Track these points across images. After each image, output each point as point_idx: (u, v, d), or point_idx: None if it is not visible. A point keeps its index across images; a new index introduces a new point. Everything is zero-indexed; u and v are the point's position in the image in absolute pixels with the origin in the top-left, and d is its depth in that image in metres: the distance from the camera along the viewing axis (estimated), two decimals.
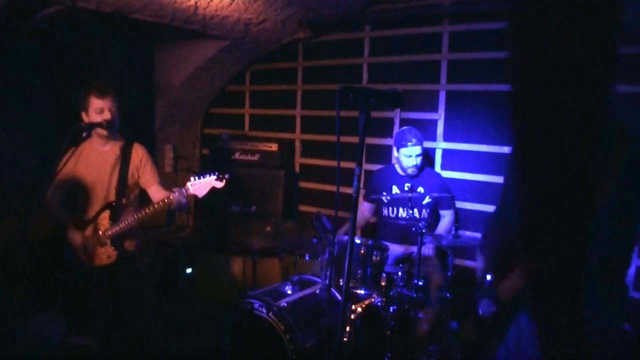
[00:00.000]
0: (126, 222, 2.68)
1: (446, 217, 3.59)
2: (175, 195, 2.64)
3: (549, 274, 1.37)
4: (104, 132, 2.72)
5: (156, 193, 2.85)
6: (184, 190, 2.65)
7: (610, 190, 1.68)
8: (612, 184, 1.67)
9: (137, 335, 2.90)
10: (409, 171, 3.47)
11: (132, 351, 2.83)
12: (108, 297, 2.75)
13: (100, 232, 2.72)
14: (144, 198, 2.93)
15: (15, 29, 3.34)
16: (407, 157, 3.43)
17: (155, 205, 2.67)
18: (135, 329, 2.89)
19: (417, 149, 3.41)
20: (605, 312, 1.77)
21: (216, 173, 2.68)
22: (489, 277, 1.99)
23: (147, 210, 2.67)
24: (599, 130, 0.93)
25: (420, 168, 3.49)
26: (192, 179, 2.68)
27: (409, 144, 3.39)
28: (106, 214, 2.73)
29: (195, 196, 2.69)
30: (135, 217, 2.67)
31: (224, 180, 2.69)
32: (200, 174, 2.70)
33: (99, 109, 2.68)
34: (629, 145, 1.79)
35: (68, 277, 2.80)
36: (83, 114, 2.74)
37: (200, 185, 2.67)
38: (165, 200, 2.65)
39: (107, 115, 2.69)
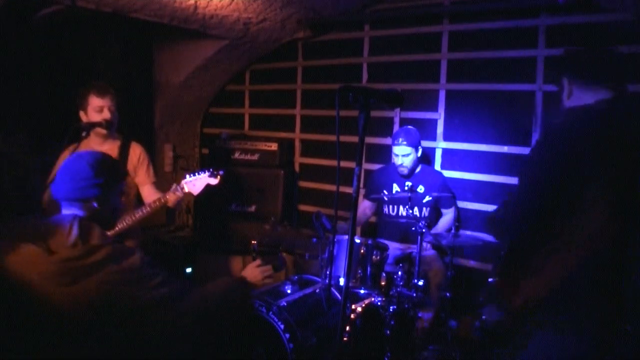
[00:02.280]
0: (125, 222, 2.68)
1: (447, 215, 3.60)
2: (170, 194, 2.64)
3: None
4: (103, 132, 2.72)
5: (149, 193, 2.86)
6: (179, 188, 2.65)
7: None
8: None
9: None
10: (399, 170, 3.49)
11: (132, 351, 2.83)
12: None
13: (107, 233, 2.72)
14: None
15: (15, 28, 3.34)
16: (395, 155, 3.48)
17: (152, 205, 2.68)
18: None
19: (404, 150, 3.41)
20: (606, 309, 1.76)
21: (210, 170, 2.69)
22: (490, 279, 1.96)
23: (144, 211, 2.67)
24: None
25: (412, 169, 3.50)
26: (186, 176, 2.69)
27: (396, 142, 3.44)
28: None
29: (190, 194, 2.69)
30: (134, 217, 2.67)
31: (218, 177, 2.70)
32: (195, 171, 2.70)
33: (98, 108, 2.69)
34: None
35: None
36: (81, 113, 2.74)
37: (195, 183, 2.67)
38: (162, 200, 2.66)
39: (106, 115, 2.69)
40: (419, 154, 3.51)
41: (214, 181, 2.69)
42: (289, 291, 2.83)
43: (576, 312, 1.72)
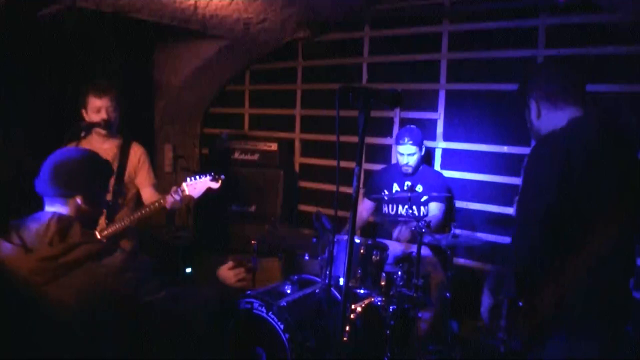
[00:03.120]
0: (122, 223, 2.67)
1: (432, 207, 3.56)
2: (169, 197, 2.63)
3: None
4: (102, 131, 2.73)
5: (149, 195, 2.86)
6: (179, 191, 2.64)
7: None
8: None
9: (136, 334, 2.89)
10: (402, 169, 3.51)
11: (131, 351, 2.82)
12: None
13: (96, 232, 2.71)
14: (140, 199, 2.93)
15: (15, 28, 3.34)
16: (400, 154, 3.49)
17: (151, 206, 2.67)
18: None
19: (409, 149, 3.42)
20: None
21: (212, 174, 2.67)
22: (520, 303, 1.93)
23: (142, 212, 2.67)
24: None
25: (415, 168, 3.50)
26: (187, 179, 2.67)
27: (401, 141, 3.45)
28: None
29: (190, 197, 2.68)
30: (131, 217, 2.67)
31: (220, 181, 2.69)
32: (196, 174, 2.69)
33: (96, 109, 2.70)
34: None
35: None
36: (83, 111, 2.75)
37: (196, 186, 2.66)
38: (161, 201, 2.65)
39: (103, 115, 2.70)
40: (423, 152, 3.52)
41: (215, 185, 2.68)
42: (288, 291, 2.83)
43: (587, 317, 1.73)
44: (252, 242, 3.35)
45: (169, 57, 4.55)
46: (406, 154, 3.45)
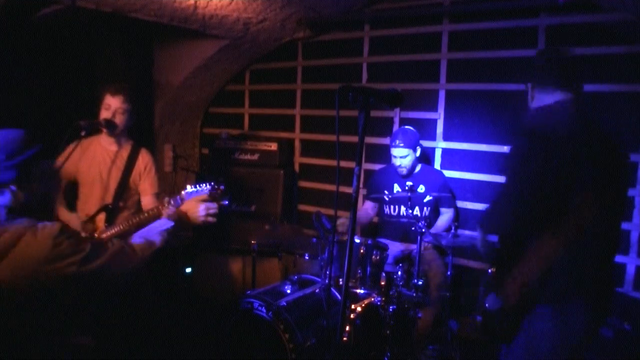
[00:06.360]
0: (121, 226, 2.67)
1: (445, 215, 3.59)
2: (166, 206, 2.59)
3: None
4: (104, 130, 2.72)
5: (147, 202, 2.86)
6: (178, 199, 2.60)
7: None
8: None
9: (136, 335, 2.89)
10: (398, 170, 3.51)
11: (131, 351, 2.83)
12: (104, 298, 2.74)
13: (95, 234, 2.72)
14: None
15: (15, 28, 3.34)
16: (393, 157, 3.50)
17: (147, 214, 2.63)
18: (134, 329, 2.88)
19: (402, 152, 3.42)
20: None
21: (212, 184, 2.63)
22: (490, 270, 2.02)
23: (140, 217, 2.64)
24: None
25: (411, 169, 3.50)
26: (187, 187, 2.63)
27: (393, 144, 3.45)
28: (102, 216, 2.73)
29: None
30: (129, 222, 2.66)
31: (219, 192, 2.65)
32: (196, 183, 2.65)
33: (107, 106, 2.73)
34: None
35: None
36: (101, 110, 2.77)
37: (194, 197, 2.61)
38: (159, 208, 2.63)
39: (109, 114, 2.71)
40: (418, 154, 3.51)
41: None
42: (288, 291, 2.84)
43: (570, 292, 1.80)
44: (252, 242, 3.35)
45: (169, 57, 4.55)
46: (399, 156, 3.45)
